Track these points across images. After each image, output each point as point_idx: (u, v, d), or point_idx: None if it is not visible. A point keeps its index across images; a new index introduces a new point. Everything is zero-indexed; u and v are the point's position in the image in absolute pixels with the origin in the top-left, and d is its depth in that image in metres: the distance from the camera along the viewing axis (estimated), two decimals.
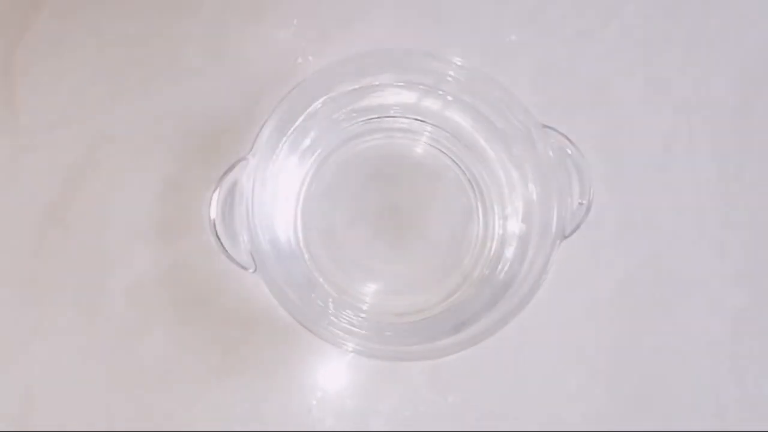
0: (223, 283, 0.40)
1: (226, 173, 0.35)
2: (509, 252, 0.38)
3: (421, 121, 0.39)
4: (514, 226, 0.39)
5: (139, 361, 0.39)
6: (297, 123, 0.38)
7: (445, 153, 0.40)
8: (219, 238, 0.36)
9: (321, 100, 0.38)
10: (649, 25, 0.44)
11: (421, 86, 0.39)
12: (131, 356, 0.39)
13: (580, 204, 0.37)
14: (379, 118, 0.39)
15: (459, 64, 0.37)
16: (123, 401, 0.39)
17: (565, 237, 0.36)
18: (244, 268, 0.35)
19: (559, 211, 0.37)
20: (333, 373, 0.41)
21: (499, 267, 0.38)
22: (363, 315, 0.38)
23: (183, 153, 0.41)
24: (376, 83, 0.38)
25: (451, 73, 0.38)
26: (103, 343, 0.39)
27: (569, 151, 0.37)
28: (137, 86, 0.41)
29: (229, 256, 0.35)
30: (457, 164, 0.40)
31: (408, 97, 0.39)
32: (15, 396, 0.39)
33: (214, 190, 0.35)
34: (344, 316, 0.37)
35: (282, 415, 0.40)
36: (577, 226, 0.37)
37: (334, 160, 0.39)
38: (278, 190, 0.38)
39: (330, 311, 0.37)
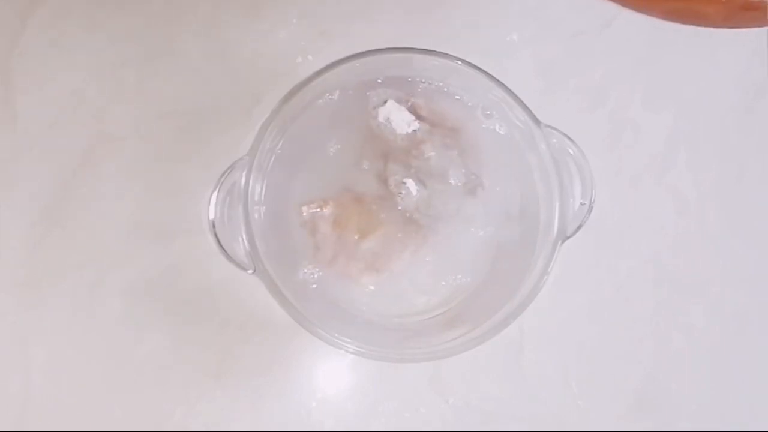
0: (222, 283, 0.40)
1: (225, 173, 0.35)
2: (511, 253, 0.38)
3: (422, 121, 0.38)
4: (516, 227, 0.39)
5: (138, 361, 0.39)
6: (296, 123, 0.37)
7: (445, 153, 0.39)
8: (218, 239, 0.35)
9: (321, 100, 0.38)
10: (650, 24, 0.44)
11: (422, 86, 0.39)
12: (130, 356, 0.39)
13: (582, 204, 0.37)
14: (379, 117, 0.39)
15: (460, 63, 0.37)
16: (122, 401, 0.39)
17: (567, 237, 0.36)
18: (244, 269, 0.35)
19: (561, 211, 0.37)
20: (333, 375, 0.41)
21: (501, 268, 0.38)
22: (363, 316, 0.38)
23: (182, 153, 0.41)
24: (376, 83, 0.38)
25: (452, 72, 0.38)
26: (103, 343, 0.39)
27: (571, 151, 0.37)
28: (136, 86, 0.41)
29: (228, 257, 0.35)
30: (458, 164, 0.40)
31: (408, 96, 0.39)
32: (14, 396, 0.39)
33: (214, 191, 0.35)
34: (344, 317, 0.37)
35: (282, 417, 0.40)
36: (579, 227, 0.36)
37: (334, 160, 0.39)
38: (277, 191, 0.38)
39: (330, 312, 0.37)
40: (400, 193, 0.38)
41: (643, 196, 0.43)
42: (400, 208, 0.38)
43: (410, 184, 0.37)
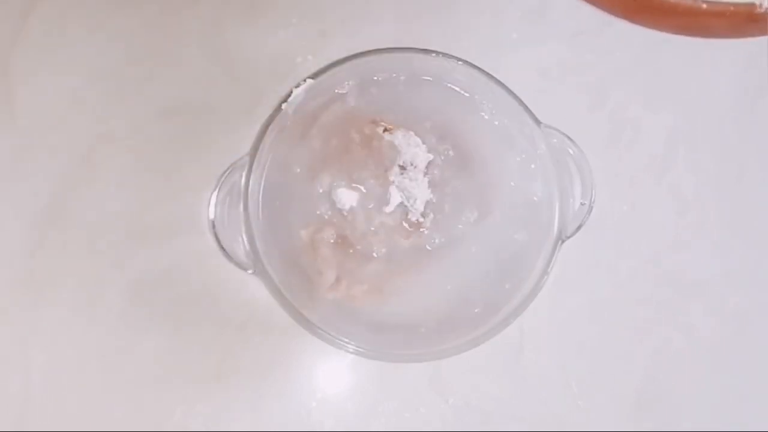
0: (222, 283, 0.40)
1: (225, 173, 0.35)
2: (511, 253, 0.38)
3: (422, 120, 0.38)
4: (515, 227, 0.39)
5: (138, 361, 0.39)
6: (296, 122, 0.37)
7: (445, 153, 0.39)
8: (218, 239, 0.35)
9: (321, 99, 0.38)
10: None
11: (421, 85, 0.39)
12: (130, 356, 0.39)
13: (582, 204, 0.37)
14: (379, 116, 0.39)
15: (459, 62, 0.37)
16: (122, 401, 0.39)
17: (567, 237, 0.36)
18: (244, 269, 0.35)
19: (561, 211, 0.37)
20: (333, 375, 0.41)
21: (501, 268, 0.38)
22: (363, 317, 0.38)
23: (182, 153, 0.41)
24: (376, 82, 0.38)
25: (452, 71, 0.38)
26: (103, 343, 0.39)
27: (571, 151, 0.37)
28: (136, 85, 0.41)
29: (228, 257, 0.35)
30: (457, 164, 0.40)
31: (408, 96, 0.39)
32: (14, 396, 0.39)
33: (214, 191, 0.35)
34: (344, 317, 0.37)
35: (282, 417, 0.40)
36: (579, 227, 0.36)
37: (333, 159, 0.39)
38: (277, 190, 0.38)
39: (330, 312, 0.37)
40: (408, 209, 0.37)
41: (643, 196, 0.43)
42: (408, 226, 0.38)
43: (419, 202, 0.37)
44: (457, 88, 0.39)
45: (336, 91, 0.38)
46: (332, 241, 0.37)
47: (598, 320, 0.42)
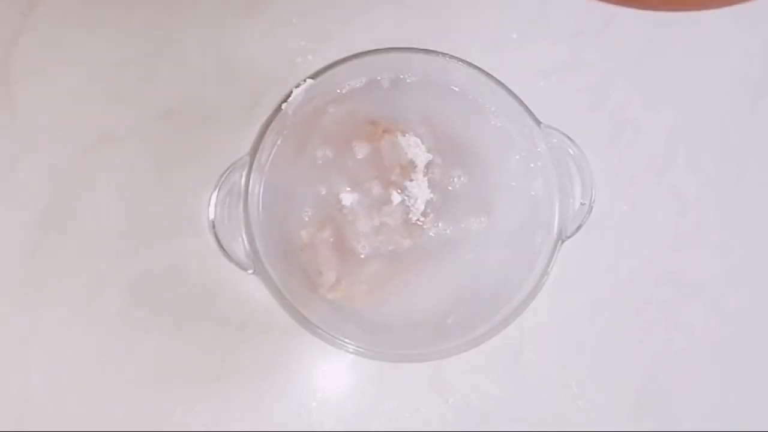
0: (222, 283, 0.40)
1: (225, 173, 0.35)
2: (511, 253, 0.38)
3: (422, 120, 0.38)
4: (515, 227, 0.39)
5: (138, 361, 0.39)
6: (296, 122, 0.37)
7: (445, 153, 0.39)
8: (218, 239, 0.35)
9: (321, 100, 0.38)
10: (649, 24, 0.44)
11: (422, 85, 0.39)
12: (130, 356, 0.39)
13: (582, 204, 0.37)
14: (379, 116, 0.39)
15: (459, 62, 0.37)
16: (122, 401, 0.39)
17: (567, 237, 0.36)
18: (244, 269, 0.35)
19: (561, 211, 0.37)
20: (333, 375, 0.41)
21: (501, 269, 0.38)
22: (364, 316, 0.38)
23: (182, 153, 0.41)
24: (376, 82, 0.38)
25: (452, 71, 0.38)
26: (103, 343, 0.39)
27: (571, 151, 0.37)
28: (135, 86, 0.41)
29: (227, 257, 0.35)
30: (457, 165, 0.40)
31: (408, 97, 0.39)
32: (14, 396, 0.39)
33: (214, 191, 0.35)
34: (344, 317, 0.37)
35: (282, 417, 0.40)
36: (579, 227, 0.36)
37: (333, 160, 0.39)
38: (277, 190, 0.38)
39: (330, 312, 0.37)
40: (408, 209, 0.37)
41: (643, 196, 0.43)
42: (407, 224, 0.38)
43: (419, 202, 0.37)
44: (457, 89, 0.39)
45: (336, 91, 0.38)
46: (332, 241, 0.37)
47: (598, 320, 0.42)
